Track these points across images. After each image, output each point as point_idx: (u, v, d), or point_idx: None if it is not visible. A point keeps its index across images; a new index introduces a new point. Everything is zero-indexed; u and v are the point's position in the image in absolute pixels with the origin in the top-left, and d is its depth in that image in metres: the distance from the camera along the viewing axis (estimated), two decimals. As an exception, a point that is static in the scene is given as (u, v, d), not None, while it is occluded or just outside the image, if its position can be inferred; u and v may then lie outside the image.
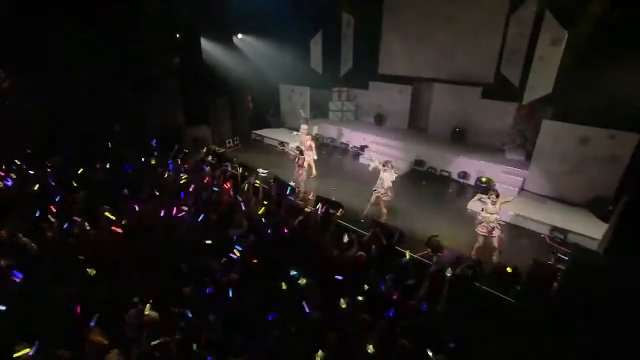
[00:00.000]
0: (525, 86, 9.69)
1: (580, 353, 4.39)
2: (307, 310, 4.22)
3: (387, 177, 8.00)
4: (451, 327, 4.54)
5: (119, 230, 5.85)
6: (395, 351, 3.78)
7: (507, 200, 6.91)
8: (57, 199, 6.81)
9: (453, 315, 4.79)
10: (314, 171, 11.01)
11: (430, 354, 3.93)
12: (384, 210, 8.34)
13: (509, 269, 5.88)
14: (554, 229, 7.81)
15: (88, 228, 5.76)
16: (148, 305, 4.23)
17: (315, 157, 10.73)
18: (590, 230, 7.57)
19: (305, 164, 10.44)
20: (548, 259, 6.88)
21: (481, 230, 6.62)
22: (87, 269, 4.86)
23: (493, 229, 6.50)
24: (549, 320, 4.94)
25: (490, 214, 6.49)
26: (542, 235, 7.99)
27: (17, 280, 4.52)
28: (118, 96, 10.87)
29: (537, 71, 9.32)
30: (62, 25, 9.82)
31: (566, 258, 6.53)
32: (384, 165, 8.02)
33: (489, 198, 6.53)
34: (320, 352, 3.67)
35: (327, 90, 15.64)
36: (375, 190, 8.22)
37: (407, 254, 5.93)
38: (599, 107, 8.01)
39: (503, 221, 6.53)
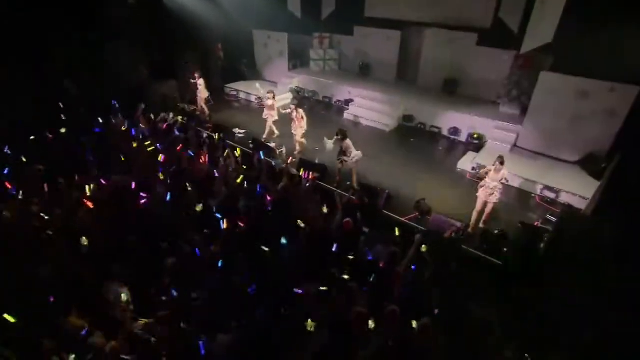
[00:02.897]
0: (525, 33, 9.60)
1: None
2: (301, 292, 4.40)
3: (347, 146, 8.09)
4: (437, 293, 4.91)
5: (90, 204, 5.82)
6: (385, 317, 4.10)
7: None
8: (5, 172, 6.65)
9: (439, 281, 5.16)
10: (275, 131, 10.84)
11: (414, 323, 4.27)
12: (354, 178, 8.38)
13: (495, 232, 6.26)
14: (545, 187, 8.19)
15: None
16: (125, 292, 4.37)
17: (277, 118, 10.58)
18: (582, 189, 7.97)
19: (267, 126, 10.53)
20: (536, 220, 7.38)
21: (482, 193, 6.91)
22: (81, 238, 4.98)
23: (492, 194, 6.80)
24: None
25: (492, 180, 6.77)
26: (533, 195, 8.39)
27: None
28: (67, 45, 10.29)
29: (538, 17, 9.19)
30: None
31: (554, 219, 7.00)
32: (337, 135, 8.10)
33: (493, 165, 6.75)
34: (310, 322, 3.92)
35: (307, 35, 15.13)
36: (339, 161, 8.33)
37: (397, 231, 6.05)
38: (600, 58, 8.11)
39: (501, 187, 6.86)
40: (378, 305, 4.45)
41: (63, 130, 8.37)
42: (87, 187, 6.22)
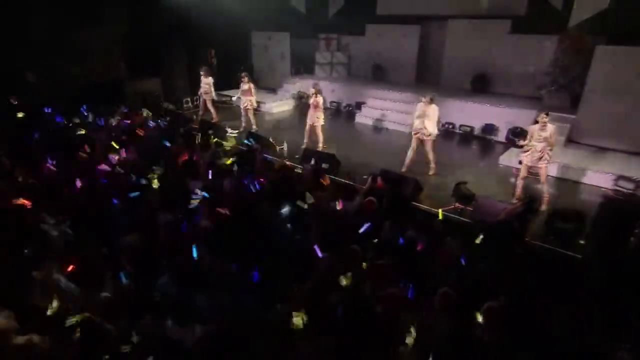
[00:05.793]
0: (572, 5, 9.01)
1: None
2: (320, 255, 3.86)
3: (432, 113, 7.62)
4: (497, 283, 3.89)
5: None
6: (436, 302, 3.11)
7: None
8: None
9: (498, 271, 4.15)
10: (253, 123, 10.88)
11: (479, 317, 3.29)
12: (432, 156, 7.98)
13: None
14: (620, 177, 7.19)
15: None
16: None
17: (255, 105, 10.88)
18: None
19: (246, 112, 10.73)
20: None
21: (526, 159, 6.47)
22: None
23: (540, 158, 6.27)
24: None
25: (538, 142, 6.27)
26: (603, 189, 7.37)
27: None
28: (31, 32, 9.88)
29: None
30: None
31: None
32: (423, 99, 7.72)
33: (537, 122, 6.36)
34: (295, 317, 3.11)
35: (312, 37, 14.93)
36: (416, 133, 7.86)
37: (440, 213, 5.52)
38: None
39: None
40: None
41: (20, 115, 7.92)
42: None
